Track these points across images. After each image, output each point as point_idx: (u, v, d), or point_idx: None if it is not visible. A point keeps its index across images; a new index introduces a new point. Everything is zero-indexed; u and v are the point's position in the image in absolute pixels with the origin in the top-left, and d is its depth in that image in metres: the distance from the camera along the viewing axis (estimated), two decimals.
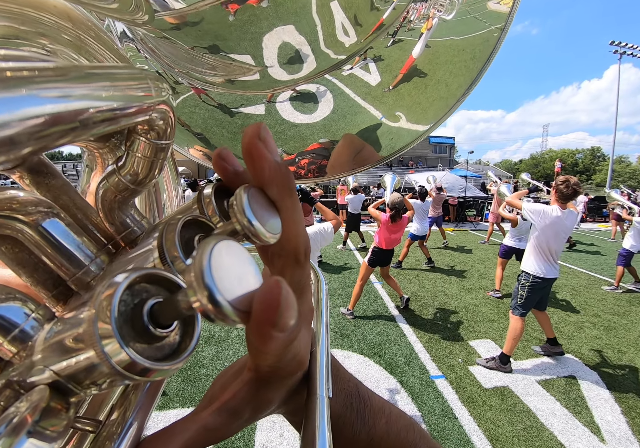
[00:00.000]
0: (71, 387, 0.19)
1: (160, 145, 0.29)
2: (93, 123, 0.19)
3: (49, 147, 0.17)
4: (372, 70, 0.55)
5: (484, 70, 0.51)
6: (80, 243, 0.29)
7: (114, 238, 0.34)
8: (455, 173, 23.01)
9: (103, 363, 0.16)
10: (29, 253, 0.29)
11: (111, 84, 0.21)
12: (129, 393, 0.33)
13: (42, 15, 0.42)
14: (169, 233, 0.22)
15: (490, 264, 8.59)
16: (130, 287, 0.18)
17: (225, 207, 0.27)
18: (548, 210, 3.81)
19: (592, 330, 5.15)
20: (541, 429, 3.13)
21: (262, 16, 0.39)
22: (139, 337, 0.17)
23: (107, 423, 0.31)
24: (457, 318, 5.39)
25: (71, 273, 0.28)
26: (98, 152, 0.35)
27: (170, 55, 0.55)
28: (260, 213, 0.21)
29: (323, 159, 0.67)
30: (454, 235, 12.84)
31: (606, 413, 3.36)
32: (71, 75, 0.19)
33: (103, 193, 0.32)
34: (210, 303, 0.14)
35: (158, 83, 0.26)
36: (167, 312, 0.17)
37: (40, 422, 0.17)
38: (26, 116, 0.16)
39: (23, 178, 0.34)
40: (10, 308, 0.23)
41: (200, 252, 0.15)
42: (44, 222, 0.29)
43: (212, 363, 3.93)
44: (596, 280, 7.80)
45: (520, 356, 4.32)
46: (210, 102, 0.61)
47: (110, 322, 0.15)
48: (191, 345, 0.19)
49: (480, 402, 3.45)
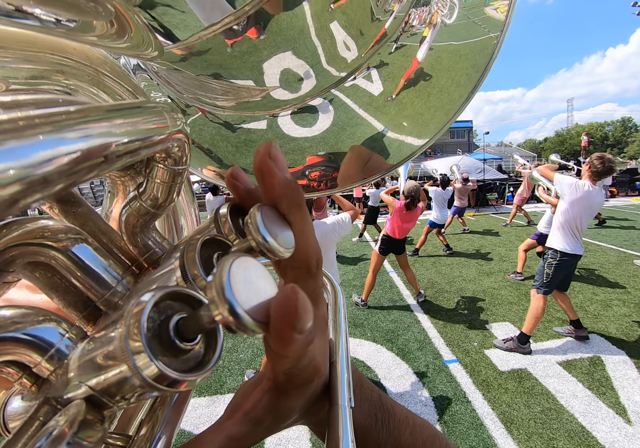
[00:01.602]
0: (105, 400, 0.20)
1: (178, 170, 0.31)
2: (116, 157, 0.21)
3: (77, 182, 0.19)
4: (374, 79, 0.55)
5: (481, 80, 0.52)
6: (107, 266, 0.30)
7: (138, 259, 0.36)
8: (474, 157, 22.23)
9: (135, 376, 0.17)
10: (60, 278, 0.31)
11: (130, 121, 0.23)
12: (156, 409, 0.34)
13: (64, 57, 0.45)
14: (190, 252, 0.24)
15: (511, 247, 8.21)
16: (156, 304, 0.19)
17: (241, 225, 0.29)
18: (580, 183, 3.67)
19: (621, 307, 4.86)
20: (560, 411, 2.99)
21: (261, 46, 0.41)
22: (167, 351, 0.18)
23: (136, 438, 0.32)
24: (474, 302, 5.20)
25: (100, 294, 0.30)
26: (120, 180, 0.37)
27: (181, 83, 0.58)
28: (273, 229, 0.23)
29: (333, 171, 0.69)
30: (475, 220, 12.34)
31: (634, 394, 3.16)
32: (93, 116, 0.21)
33: (126, 218, 0.34)
34: (232, 316, 0.16)
35: (173, 114, 0.28)
36: (191, 327, 0.19)
37: (79, 433, 0.18)
38: (56, 155, 0.18)
39: (52, 208, 0.36)
40: (47, 329, 0.25)
41: (220, 269, 0.16)
42: (73, 248, 0.31)
43: (229, 356, 4.02)
44: (627, 256, 7.37)
45: (541, 337, 4.14)
46: (216, 121, 0.63)
47: (141, 337, 0.17)
48: (215, 357, 0.20)
49: (495, 385, 3.33)
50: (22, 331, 0.24)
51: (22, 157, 0.16)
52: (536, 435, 2.75)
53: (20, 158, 0.15)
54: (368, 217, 10.03)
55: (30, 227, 0.31)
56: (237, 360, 3.93)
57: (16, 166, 0.15)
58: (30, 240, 0.30)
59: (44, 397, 0.24)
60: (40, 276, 0.32)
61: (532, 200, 12.55)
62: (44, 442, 0.19)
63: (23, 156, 0.16)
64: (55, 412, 0.23)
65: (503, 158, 30.14)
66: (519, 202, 10.53)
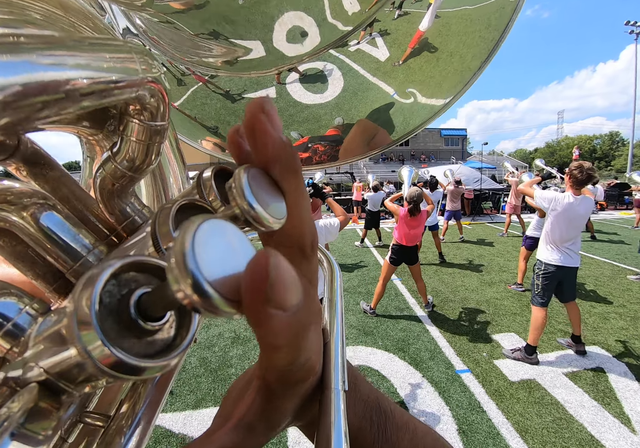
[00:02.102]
0: (62, 385, 0.18)
1: (155, 127, 0.27)
2: (80, 95, 0.18)
3: (30, 119, 0.16)
4: (379, 45, 0.53)
5: (502, 39, 0.48)
6: (76, 234, 0.27)
7: (116, 229, 0.33)
8: (469, 165, 22.92)
9: (86, 361, 0.14)
10: (26, 247, 0.28)
11: (97, 55, 0.19)
12: (137, 387, 0.32)
13: (34, 4, 0.40)
14: (163, 218, 0.21)
15: (509, 257, 8.46)
16: (116, 276, 0.16)
17: (226, 190, 0.25)
18: (560, 197, 3.77)
19: (619, 321, 5.02)
20: (570, 421, 3.10)
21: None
22: (127, 332, 0.15)
23: (116, 416, 0.30)
24: (479, 313, 5.31)
25: (69, 265, 0.27)
26: (94, 139, 0.33)
27: (172, 41, 0.53)
28: (262, 196, 0.19)
29: (337, 145, 0.65)
30: (471, 229, 12.64)
31: (636, 405, 3.30)
32: (54, 43, 0.17)
33: (100, 182, 0.31)
34: (196, 294, 0.12)
35: (146, 58, 0.24)
36: (157, 302, 0.16)
37: (26, 423, 0.16)
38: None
39: (20, 170, 0.33)
40: (3, 304, 0.22)
41: (183, 233, 0.13)
42: (39, 214, 0.27)
43: (240, 363, 3.99)
44: (620, 269, 7.55)
45: (546, 349, 4.26)
46: (218, 91, 0.59)
47: (90, 315, 0.14)
48: (187, 338, 0.17)
49: (507, 395, 3.43)
50: None
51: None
52: (550, 444, 2.86)
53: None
54: (368, 222, 9.95)
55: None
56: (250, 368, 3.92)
57: None
58: None
59: (4, 377, 0.21)
60: (4, 244, 0.29)
61: (526, 210, 12.82)
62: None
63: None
64: (13, 394, 0.20)
65: (496, 167, 30.58)
66: (510, 211, 10.84)
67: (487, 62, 0.49)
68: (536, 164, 9.95)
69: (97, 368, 0.14)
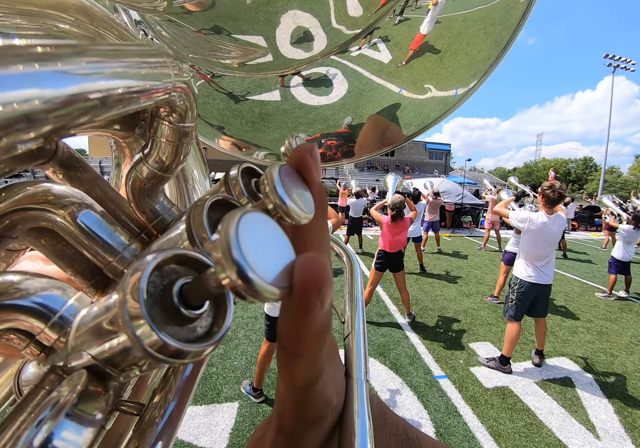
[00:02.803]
0: (109, 370, 0.19)
1: (184, 128, 0.29)
2: (113, 101, 0.19)
3: (69, 126, 0.17)
4: (381, 49, 0.54)
5: (518, 29, 0.48)
6: (112, 232, 0.29)
7: (147, 227, 0.35)
8: (451, 179, 23.57)
9: (135, 346, 0.15)
10: (65, 244, 0.30)
11: (129, 61, 0.21)
12: (169, 378, 0.33)
13: (62, 15, 0.42)
14: (197, 214, 0.22)
15: (486, 270, 8.98)
16: (158, 268, 0.17)
17: (253, 188, 0.26)
18: (534, 217, 3.96)
19: (586, 334, 5.43)
20: (540, 426, 3.34)
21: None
22: (170, 319, 0.16)
23: (150, 406, 0.31)
24: (456, 322, 5.58)
25: (106, 261, 0.28)
26: (124, 142, 0.35)
27: (185, 41, 0.54)
28: (292, 191, 0.20)
29: (349, 142, 0.66)
30: (450, 241, 13.26)
31: (600, 412, 3.60)
32: (88, 53, 0.18)
33: (132, 182, 0.32)
34: (240, 279, 0.13)
35: (178, 63, 0.25)
36: (196, 292, 0.17)
37: (79, 405, 0.17)
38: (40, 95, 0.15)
39: (56, 173, 0.35)
40: (50, 297, 0.23)
41: (226, 226, 0.14)
42: (77, 213, 0.29)
43: (222, 362, 4.09)
44: (589, 287, 8.19)
45: (519, 358, 4.54)
46: (221, 90, 0.60)
47: (139, 303, 0.15)
48: (224, 326, 0.18)
49: (482, 401, 3.66)
50: (23, 298, 0.23)
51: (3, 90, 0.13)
52: (521, 447, 3.09)
53: None
54: (350, 228, 9.99)
55: (32, 190, 0.29)
56: (231, 368, 3.97)
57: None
58: (32, 205, 0.28)
59: (51, 365, 0.23)
60: (45, 243, 0.31)
61: (503, 226, 13.26)
62: (47, 412, 0.18)
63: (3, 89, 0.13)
64: (61, 381, 0.21)
65: (477, 183, 30.94)
66: (489, 226, 11.34)
67: (504, 51, 0.49)
68: (510, 181, 10.29)
69: (145, 352, 0.15)
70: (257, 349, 4.34)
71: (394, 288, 5.90)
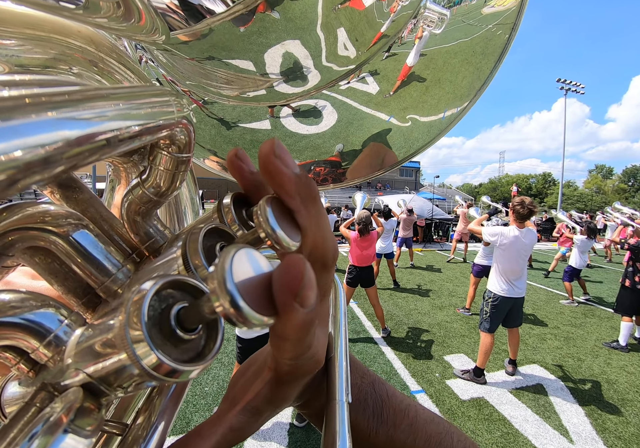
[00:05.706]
0: (103, 388, 0.20)
1: (181, 158, 0.31)
2: (119, 141, 0.21)
3: (78, 165, 0.19)
4: (369, 82, 0.56)
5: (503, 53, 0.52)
6: (107, 253, 0.30)
7: (139, 248, 0.36)
8: (421, 196, 24.75)
9: (134, 364, 0.17)
10: (60, 263, 0.31)
11: (135, 103, 0.23)
12: (153, 398, 0.34)
13: (68, 40, 0.44)
14: (192, 242, 0.23)
15: (457, 282, 9.27)
16: (157, 293, 0.19)
17: (244, 216, 0.28)
18: (506, 231, 4.15)
19: (554, 341, 5.64)
20: (517, 435, 3.43)
21: (272, 29, 0.41)
22: (167, 340, 0.18)
23: (133, 426, 0.32)
24: (431, 335, 5.70)
25: (100, 281, 0.29)
26: (122, 167, 0.37)
27: (183, 69, 0.57)
28: (282, 222, 0.22)
29: (338, 168, 0.68)
30: (422, 255, 13.72)
31: (572, 417, 3.72)
32: (97, 98, 0.20)
33: (128, 205, 0.34)
34: (233, 308, 0.15)
35: (179, 100, 0.27)
36: (192, 316, 0.18)
37: (76, 420, 0.18)
38: (59, 137, 0.17)
39: (54, 193, 0.36)
40: (45, 315, 0.24)
41: (222, 260, 0.16)
42: (74, 233, 0.30)
43: (192, 389, 3.94)
44: (554, 295, 8.58)
45: (492, 368, 4.65)
46: (212, 116, 0.62)
47: (141, 326, 0.16)
48: (215, 348, 0.20)
49: (459, 413, 3.70)
50: (20, 316, 0.24)
51: (24, 136, 0.15)
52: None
53: (22, 137, 0.15)
54: None
55: (31, 211, 0.30)
56: (202, 394, 3.84)
57: (17, 145, 0.15)
58: (31, 225, 0.29)
59: (41, 383, 0.23)
60: (39, 261, 0.32)
61: (472, 239, 13.89)
62: (40, 428, 0.19)
63: (24, 135, 0.15)
64: (52, 399, 0.22)
65: (446, 199, 32.49)
66: (458, 237, 12.09)
67: (491, 74, 0.53)
68: (483, 200, 10.74)
69: (142, 370, 0.17)
70: (229, 373, 4.25)
71: (369, 305, 5.96)
